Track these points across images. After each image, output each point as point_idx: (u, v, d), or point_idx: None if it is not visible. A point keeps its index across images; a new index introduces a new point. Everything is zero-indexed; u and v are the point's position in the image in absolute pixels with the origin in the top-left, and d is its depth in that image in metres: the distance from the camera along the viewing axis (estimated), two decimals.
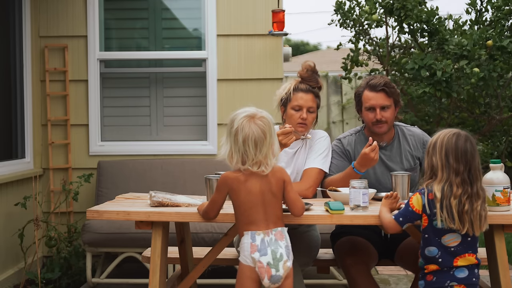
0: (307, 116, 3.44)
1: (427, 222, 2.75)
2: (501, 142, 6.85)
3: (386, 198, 2.90)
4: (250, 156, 2.68)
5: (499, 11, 5.70)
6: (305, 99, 3.46)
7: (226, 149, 2.74)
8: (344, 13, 6.26)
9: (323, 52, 22.08)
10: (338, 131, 9.37)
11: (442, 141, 2.77)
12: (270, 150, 2.72)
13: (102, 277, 4.77)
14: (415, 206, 2.76)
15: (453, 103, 6.08)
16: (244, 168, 2.70)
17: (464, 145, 2.75)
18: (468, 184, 2.72)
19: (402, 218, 2.79)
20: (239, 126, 2.69)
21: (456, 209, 2.69)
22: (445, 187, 2.71)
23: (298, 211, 2.78)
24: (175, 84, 5.54)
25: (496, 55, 5.40)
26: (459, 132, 2.79)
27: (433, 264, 2.76)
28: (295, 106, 3.45)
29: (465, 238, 2.74)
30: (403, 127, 3.61)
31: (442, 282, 2.75)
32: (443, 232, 2.73)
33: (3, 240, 4.70)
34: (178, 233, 3.44)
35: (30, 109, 5.23)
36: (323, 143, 3.52)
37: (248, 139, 2.68)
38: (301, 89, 3.48)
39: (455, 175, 2.72)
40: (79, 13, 5.37)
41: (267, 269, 2.67)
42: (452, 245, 2.74)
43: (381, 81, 3.47)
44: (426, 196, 2.74)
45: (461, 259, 2.75)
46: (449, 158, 2.74)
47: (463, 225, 2.69)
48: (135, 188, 4.84)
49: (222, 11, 5.36)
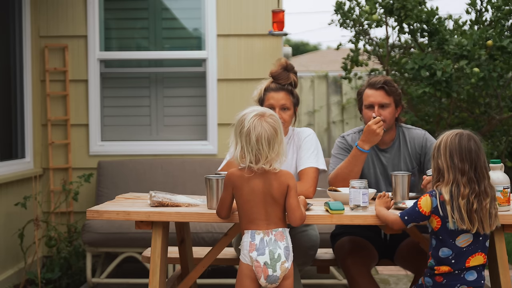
0: (281, 114, 3.43)
1: (440, 224, 2.74)
2: (501, 142, 6.84)
3: (379, 198, 2.90)
4: (264, 154, 2.68)
5: (499, 11, 5.69)
6: (276, 98, 3.45)
7: (236, 150, 2.73)
8: (344, 13, 6.25)
9: (323, 52, 22.09)
10: (338, 131, 9.36)
11: (445, 143, 2.77)
12: (281, 148, 2.73)
13: (102, 277, 4.77)
14: (422, 207, 2.75)
15: (453, 103, 6.07)
16: (257, 167, 2.69)
17: (468, 144, 2.75)
18: (475, 182, 2.71)
19: (408, 217, 2.79)
20: (251, 125, 2.69)
21: (465, 209, 2.68)
22: (453, 188, 2.71)
23: (295, 220, 2.75)
24: (175, 84, 5.54)
25: (496, 55, 5.40)
26: (462, 132, 2.79)
27: (445, 266, 2.75)
28: (267, 106, 3.43)
29: (476, 238, 2.74)
30: (405, 130, 3.59)
31: (452, 285, 2.75)
32: (457, 233, 2.73)
33: (3, 240, 4.70)
34: (178, 233, 3.44)
35: (30, 109, 5.23)
36: (311, 141, 3.51)
37: (262, 138, 2.68)
38: (272, 88, 3.48)
39: (461, 175, 2.71)
40: (79, 13, 5.37)
41: (263, 269, 2.67)
42: (465, 245, 2.74)
43: (381, 79, 3.48)
44: (438, 198, 2.73)
45: (472, 259, 2.75)
46: (454, 159, 2.73)
47: (473, 225, 2.69)
48: (135, 188, 4.84)
49: (222, 11, 5.36)
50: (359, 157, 3.36)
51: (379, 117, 3.36)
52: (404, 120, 3.66)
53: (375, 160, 3.55)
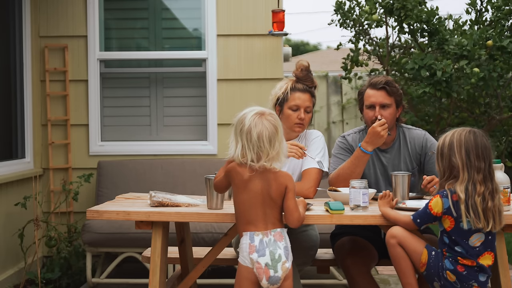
0: (304, 116, 3.45)
1: (454, 224, 2.73)
2: (501, 142, 6.85)
3: (381, 198, 2.90)
4: (265, 152, 2.69)
5: (499, 11, 5.70)
6: (303, 99, 3.46)
7: (237, 149, 2.73)
8: (344, 13, 6.26)
9: (323, 52, 22.07)
10: (338, 131, 9.36)
11: (459, 141, 2.73)
12: (281, 147, 2.73)
13: (102, 277, 4.77)
14: (433, 209, 2.74)
15: (453, 103, 6.08)
16: (259, 165, 2.70)
17: (482, 141, 2.73)
18: (489, 180, 2.71)
19: (420, 220, 2.78)
20: (252, 124, 2.70)
21: (481, 207, 2.67)
22: (469, 186, 2.69)
23: (293, 222, 2.75)
24: (175, 84, 5.54)
25: (496, 55, 5.40)
26: (474, 130, 2.77)
27: (468, 259, 2.73)
28: (292, 106, 3.45)
29: (487, 237, 2.74)
30: (406, 130, 3.59)
31: (469, 279, 2.74)
32: (470, 233, 2.72)
33: (3, 240, 4.70)
34: (178, 233, 3.44)
35: (30, 109, 5.23)
36: (318, 142, 3.53)
37: (263, 136, 2.68)
38: (299, 89, 3.48)
39: (477, 172, 2.70)
40: (79, 13, 5.37)
41: (265, 270, 2.66)
42: (477, 245, 2.74)
43: (382, 80, 3.48)
44: (450, 198, 2.71)
45: (482, 258, 2.75)
46: (470, 157, 2.71)
47: (488, 222, 2.68)
48: (135, 188, 4.84)
49: (222, 11, 5.36)
50: (361, 158, 3.36)
51: (384, 119, 3.35)
52: (404, 120, 3.66)
53: (375, 160, 3.54)
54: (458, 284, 2.74)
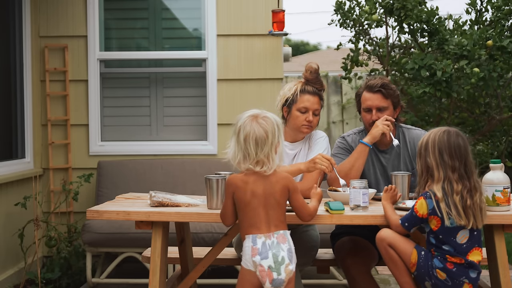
0: (313, 118, 3.46)
1: (440, 223, 2.76)
2: (501, 142, 6.84)
3: (386, 192, 2.92)
4: (251, 154, 2.69)
5: (499, 11, 5.69)
6: (312, 101, 3.47)
7: (231, 149, 2.76)
8: (344, 13, 6.25)
9: (323, 52, 22.08)
10: (338, 131, 9.37)
11: (433, 141, 2.80)
12: (273, 150, 2.73)
13: (102, 277, 4.77)
14: (419, 211, 2.78)
15: (453, 103, 6.07)
16: (245, 167, 2.71)
17: (456, 140, 2.78)
18: (466, 178, 2.75)
19: (408, 224, 2.82)
20: (242, 125, 2.73)
21: (460, 205, 2.71)
22: (445, 185, 2.73)
23: (305, 217, 2.80)
24: (175, 84, 5.54)
25: (496, 55, 5.40)
26: (449, 129, 2.83)
27: (457, 257, 2.76)
28: (301, 108, 3.46)
29: (472, 233, 2.77)
30: (406, 130, 3.59)
31: (459, 275, 2.76)
32: (455, 231, 2.75)
33: (3, 240, 4.70)
34: (178, 233, 3.44)
35: (30, 109, 5.23)
36: (322, 143, 3.54)
37: (249, 137, 2.69)
38: (308, 91, 3.48)
39: (452, 171, 2.74)
40: (79, 13, 5.37)
41: (268, 273, 2.65)
42: (463, 242, 2.76)
43: (378, 82, 3.47)
44: (433, 199, 2.75)
45: (471, 254, 2.78)
46: (444, 156, 2.76)
47: (469, 220, 2.72)
48: (135, 188, 4.84)
49: (222, 11, 5.36)
50: (361, 151, 3.41)
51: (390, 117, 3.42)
52: (403, 120, 3.67)
53: (375, 161, 3.55)
54: (449, 281, 2.76)
